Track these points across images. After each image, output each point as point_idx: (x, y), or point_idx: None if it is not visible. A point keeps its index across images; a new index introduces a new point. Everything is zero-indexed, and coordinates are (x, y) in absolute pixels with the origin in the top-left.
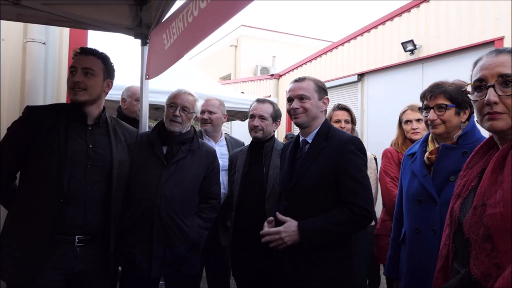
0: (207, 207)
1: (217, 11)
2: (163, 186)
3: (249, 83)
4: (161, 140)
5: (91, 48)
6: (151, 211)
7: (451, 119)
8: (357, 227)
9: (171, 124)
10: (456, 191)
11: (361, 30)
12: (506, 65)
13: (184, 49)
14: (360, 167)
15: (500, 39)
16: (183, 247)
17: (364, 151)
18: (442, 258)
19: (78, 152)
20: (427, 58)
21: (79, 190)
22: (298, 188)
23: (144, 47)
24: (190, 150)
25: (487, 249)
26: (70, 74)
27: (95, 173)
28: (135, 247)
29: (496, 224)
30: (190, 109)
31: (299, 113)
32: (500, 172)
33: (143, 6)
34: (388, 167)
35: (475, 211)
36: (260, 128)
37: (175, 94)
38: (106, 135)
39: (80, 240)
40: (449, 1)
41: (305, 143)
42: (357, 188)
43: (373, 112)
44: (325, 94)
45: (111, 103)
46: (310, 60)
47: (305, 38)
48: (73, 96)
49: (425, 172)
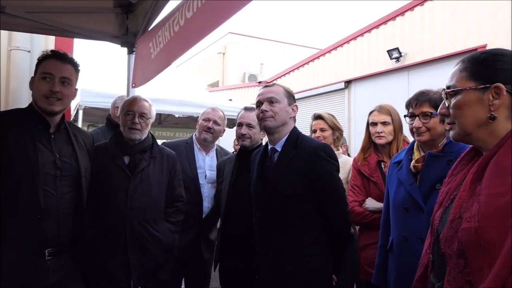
0: (174, 211)
1: (203, 21)
2: (131, 197)
3: (237, 90)
4: (120, 150)
5: (66, 54)
6: (122, 222)
7: (436, 127)
8: (349, 229)
9: (131, 132)
10: (439, 199)
11: (347, 38)
12: (451, 76)
13: (171, 58)
14: (333, 173)
15: (483, 46)
16: (159, 254)
17: (335, 156)
18: (422, 267)
19: (47, 163)
20: (412, 65)
21: (52, 202)
22: (272, 198)
23: (130, 55)
24: (151, 157)
25: (460, 266)
26: (43, 80)
27: (65, 183)
28: (109, 260)
29: (470, 239)
30: (148, 115)
31: (268, 116)
32: (478, 183)
33: (129, 14)
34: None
35: (451, 225)
36: (248, 136)
37: (130, 101)
38: (68, 142)
39: (50, 253)
40: (433, 10)
41: (274, 151)
42: (334, 195)
43: (360, 119)
44: (294, 101)
45: (99, 111)
46: (297, 67)
47: (293, 46)
48: (48, 105)
49: (412, 180)
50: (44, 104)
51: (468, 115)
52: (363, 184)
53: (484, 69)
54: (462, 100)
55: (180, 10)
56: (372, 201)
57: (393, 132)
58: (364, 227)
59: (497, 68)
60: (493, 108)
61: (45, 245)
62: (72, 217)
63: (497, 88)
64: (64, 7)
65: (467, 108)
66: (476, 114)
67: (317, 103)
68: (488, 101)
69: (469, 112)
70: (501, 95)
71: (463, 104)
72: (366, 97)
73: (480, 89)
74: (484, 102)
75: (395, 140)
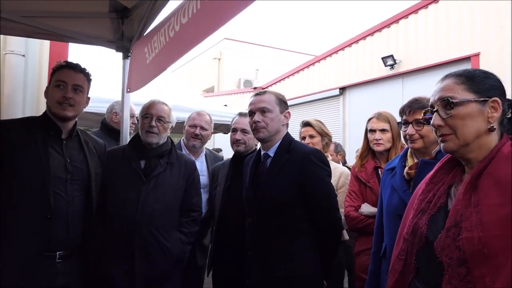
0: (188, 221)
1: (198, 27)
2: (143, 202)
3: (232, 96)
4: (137, 154)
5: (78, 65)
6: (132, 228)
7: (429, 134)
8: (339, 235)
9: (148, 136)
10: (420, 206)
11: (343, 45)
12: (446, 88)
13: (166, 63)
14: (324, 178)
15: (476, 55)
16: (166, 264)
17: (327, 162)
18: (395, 272)
19: (58, 167)
20: (406, 72)
21: (63, 205)
22: (264, 203)
23: (125, 60)
24: (169, 162)
25: (462, 274)
26: (57, 88)
27: (75, 187)
28: (114, 267)
29: (472, 248)
30: (166, 119)
31: (261, 127)
32: (473, 193)
33: (124, 19)
34: (350, 182)
35: (448, 233)
36: (242, 142)
37: (149, 104)
38: (80, 148)
39: (60, 256)
40: (427, 18)
41: (267, 157)
42: (324, 201)
43: (355, 125)
44: (286, 108)
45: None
46: (292, 74)
47: (288, 52)
48: (61, 111)
49: (405, 187)
50: (57, 110)
51: (469, 126)
52: (360, 190)
53: (481, 84)
54: (464, 111)
55: (176, 16)
56: (367, 206)
57: (391, 140)
58: (359, 233)
59: (490, 84)
60: (492, 120)
61: (56, 247)
62: (82, 220)
63: (495, 102)
64: (60, 11)
65: (469, 119)
66: (477, 125)
67: (312, 109)
68: (487, 114)
69: (470, 123)
70: (497, 108)
71: (466, 115)
72: (361, 103)
73: (481, 102)
74: (484, 115)
75: (393, 147)
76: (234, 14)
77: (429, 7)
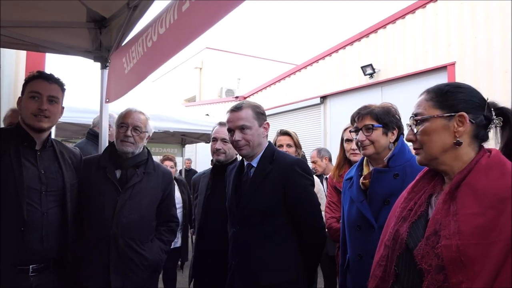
0: (167, 230)
1: (176, 37)
2: (119, 212)
3: (214, 105)
4: (113, 164)
5: (52, 75)
6: (107, 240)
7: (379, 139)
8: (323, 244)
9: (123, 145)
10: (402, 214)
11: (323, 54)
12: (418, 104)
13: (144, 73)
14: (307, 188)
15: (452, 64)
16: (143, 275)
17: (310, 171)
18: (376, 278)
19: (32, 179)
20: (385, 81)
21: (37, 217)
22: (247, 212)
23: (104, 70)
24: (145, 172)
25: (440, 280)
26: (31, 99)
27: (50, 199)
28: (90, 280)
29: (451, 256)
30: (142, 129)
31: (242, 145)
32: (451, 203)
33: (102, 29)
34: (328, 193)
35: (427, 241)
36: (223, 151)
37: (125, 113)
38: (55, 159)
39: (34, 269)
40: (405, 28)
41: (250, 167)
42: (308, 210)
43: (336, 134)
44: (264, 119)
45: (73, 126)
46: (274, 83)
47: (270, 61)
48: (36, 122)
49: (362, 198)
50: (32, 122)
51: (435, 141)
52: (339, 200)
53: (449, 99)
54: (430, 127)
55: (153, 26)
56: None
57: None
58: None
59: (459, 99)
60: (458, 134)
61: (29, 260)
62: (57, 232)
63: (461, 116)
64: (36, 21)
65: (435, 134)
66: (443, 140)
67: (293, 118)
68: (453, 128)
69: (436, 138)
70: (464, 123)
71: (431, 130)
72: (342, 112)
73: (446, 117)
74: (450, 129)
75: None
76: (211, 25)
77: (406, 17)
